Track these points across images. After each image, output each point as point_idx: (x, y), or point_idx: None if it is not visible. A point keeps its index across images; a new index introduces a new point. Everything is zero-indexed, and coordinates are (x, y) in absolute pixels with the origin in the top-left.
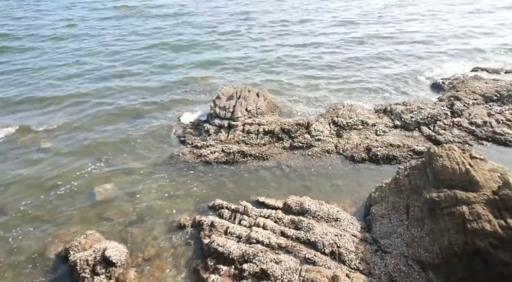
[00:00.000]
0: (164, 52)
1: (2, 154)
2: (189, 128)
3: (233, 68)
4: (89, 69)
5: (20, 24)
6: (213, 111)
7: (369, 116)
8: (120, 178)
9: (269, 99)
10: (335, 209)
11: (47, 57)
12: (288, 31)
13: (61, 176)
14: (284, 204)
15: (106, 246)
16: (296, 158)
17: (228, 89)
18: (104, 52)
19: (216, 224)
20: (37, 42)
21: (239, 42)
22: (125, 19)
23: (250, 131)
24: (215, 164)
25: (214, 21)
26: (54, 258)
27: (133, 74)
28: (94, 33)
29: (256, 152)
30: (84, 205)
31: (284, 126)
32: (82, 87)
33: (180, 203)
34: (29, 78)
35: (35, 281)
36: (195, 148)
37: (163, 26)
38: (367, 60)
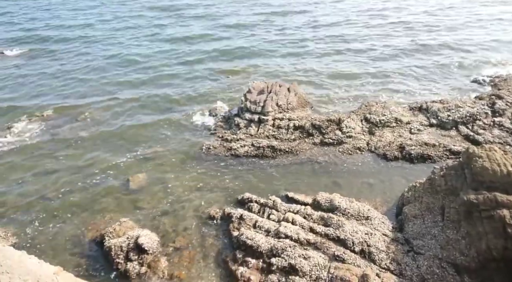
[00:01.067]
0: (195, 47)
1: (42, 143)
2: (219, 121)
3: (264, 63)
4: (122, 62)
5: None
6: (243, 105)
7: (403, 114)
8: (152, 168)
9: (300, 95)
10: (365, 207)
11: (80, 51)
12: (320, 27)
13: (97, 164)
14: (313, 200)
15: (139, 233)
16: (327, 154)
17: (259, 84)
18: (135, 46)
19: (245, 217)
20: (71, 37)
21: (268, 37)
22: (154, 16)
23: (280, 126)
24: (244, 158)
25: (244, 17)
26: (90, 243)
27: (166, 67)
28: (125, 28)
29: (286, 147)
30: (119, 193)
31: (315, 122)
32: (116, 79)
33: (210, 195)
34: (68, 71)
35: (73, 264)
36: (225, 141)
37: (192, 22)
38: (404, 57)
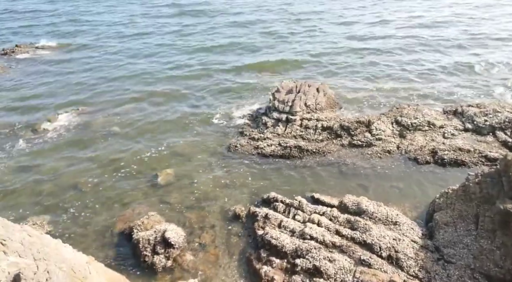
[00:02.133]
0: (224, 47)
1: (77, 135)
2: (247, 120)
3: (293, 62)
4: (152, 60)
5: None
6: (271, 105)
7: (436, 117)
8: (180, 164)
9: (329, 95)
10: (394, 212)
11: (114, 48)
12: (350, 26)
13: (127, 158)
14: (340, 203)
15: (166, 227)
16: (355, 156)
17: (288, 83)
18: (164, 45)
19: (270, 217)
20: (106, 33)
21: (299, 39)
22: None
23: (308, 126)
24: (271, 157)
25: (274, 18)
26: (119, 234)
27: (196, 65)
28: (155, 29)
29: (313, 148)
30: (147, 188)
31: (344, 123)
32: (147, 76)
33: (236, 193)
34: (101, 66)
35: (102, 254)
36: (252, 140)
37: (218, 22)
38: (439, 58)
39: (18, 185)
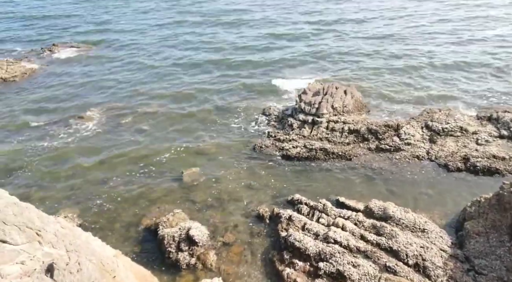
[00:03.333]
0: (253, 48)
1: (107, 132)
2: (273, 121)
3: (321, 65)
4: (179, 61)
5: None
6: (298, 106)
7: (469, 123)
8: (205, 163)
9: (357, 98)
10: (422, 219)
11: (143, 50)
12: (378, 29)
13: (155, 155)
14: (365, 207)
15: (190, 225)
16: (382, 160)
17: (315, 85)
18: (194, 48)
19: (294, 219)
20: (136, 35)
21: (325, 39)
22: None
23: (334, 129)
24: (296, 159)
25: (303, 19)
26: (145, 230)
27: (222, 66)
28: (183, 31)
29: (339, 151)
30: (173, 185)
31: (371, 127)
32: (175, 77)
33: (260, 194)
34: (130, 66)
35: (129, 248)
36: (277, 141)
37: (248, 27)
38: (473, 63)
39: (51, 179)
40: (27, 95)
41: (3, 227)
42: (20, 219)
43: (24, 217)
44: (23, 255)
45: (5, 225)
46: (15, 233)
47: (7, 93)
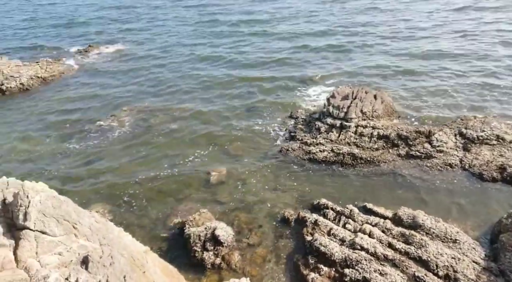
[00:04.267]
0: (284, 51)
1: (138, 132)
2: (300, 124)
3: (350, 69)
4: (212, 63)
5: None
6: (326, 110)
7: (506, 131)
8: (232, 164)
9: (387, 103)
10: (454, 229)
11: (172, 51)
12: (412, 36)
13: (183, 155)
14: (394, 215)
15: (216, 225)
16: (412, 167)
17: (344, 89)
18: (225, 51)
19: (319, 223)
20: (163, 38)
21: (356, 46)
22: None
23: (363, 133)
24: (323, 163)
25: (337, 25)
26: (171, 228)
27: (252, 68)
28: (217, 35)
29: (368, 156)
30: (200, 185)
31: (402, 133)
32: (204, 79)
33: (285, 196)
34: (164, 70)
35: (156, 244)
36: (304, 145)
37: (287, 27)
38: (508, 72)
39: (83, 175)
40: (63, 94)
41: (43, 219)
42: (58, 211)
43: (62, 210)
44: (61, 247)
45: (45, 216)
46: (53, 225)
47: (45, 92)
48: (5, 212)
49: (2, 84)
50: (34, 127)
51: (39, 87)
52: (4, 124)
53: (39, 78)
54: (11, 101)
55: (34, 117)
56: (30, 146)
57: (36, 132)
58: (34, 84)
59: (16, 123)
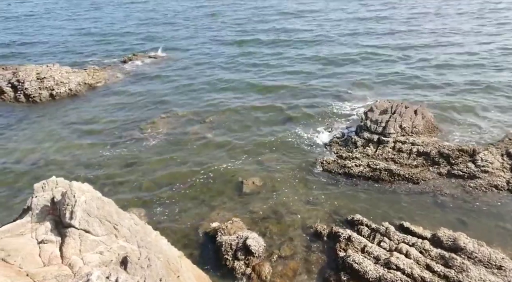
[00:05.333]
0: (323, 63)
1: (174, 139)
2: (336, 137)
3: (391, 83)
4: (248, 71)
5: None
6: (363, 124)
7: None
8: (265, 174)
9: (428, 119)
10: (499, 255)
11: (217, 64)
12: (459, 49)
13: (217, 162)
14: (433, 236)
15: (247, 235)
16: (454, 187)
17: (383, 103)
18: (263, 63)
19: (353, 239)
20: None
21: (398, 58)
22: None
23: (401, 149)
24: (358, 178)
25: (380, 37)
26: (204, 235)
27: (290, 79)
28: (259, 45)
29: (406, 173)
30: (233, 194)
31: (443, 150)
32: (241, 89)
33: (318, 210)
34: (203, 79)
35: (188, 250)
36: (339, 158)
37: (330, 37)
38: None
39: (122, 178)
40: (106, 100)
41: (87, 218)
42: (101, 212)
43: (105, 210)
44: (102, 246)
45: (89, 216)
46: (96, 224)
47: (91, 97)
48: (53, 210)
49: (53, 89)
50: (77, 131)
51: (86, 93)
52: (51, 127)
53: (86, 84)
54: (59, 105)
55: (79, 121)
56: (73, 149)
57: (78, 136)
58: (82, 90)
59: (61, 127)
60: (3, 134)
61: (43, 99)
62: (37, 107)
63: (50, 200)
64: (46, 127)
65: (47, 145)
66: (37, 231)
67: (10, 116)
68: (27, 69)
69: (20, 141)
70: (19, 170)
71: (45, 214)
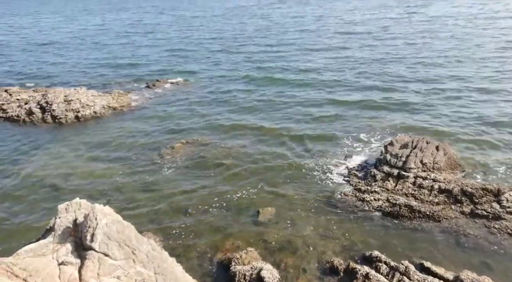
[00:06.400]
0: (342, 94)
1: (192, 164)
2: (354, 170)
3: (410, 119)
4: (273, 104)
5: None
6: (383, 157)
7: None
8: (281, 204)
9: (450, 155)
10: None
11: (235, 90)
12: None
13: (233, 190)
14: (455, 278)
15: (262, 266)
16: (477, 227)
17: (403, 137)
18: (282, 91)
19: (371, 277)
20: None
21: (419, 93)
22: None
23: (422, 185)
24: (377, 212)
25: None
26: (218, 263)
27: (314, 111)
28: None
29: (427, 210)
30: (248, 222)
31: (466, 188)
32: (257, 117)
33: (334, 243)
34: (222, 105)
35: (201, 278)
36: (358, 191)
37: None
38: None
39: (140, 202)
40: (128, 124)
41: (107, 242)
42: (121, 236)
43: (124, 234)
44: (120, 270)
45: (109, 240)
46: (115, 248)
47: (114, 120)
48: (75, 231)
49: (79, 111)
50: (99, 153)
51: (110, 116)
52: (74, 148)
53: (110, 107)
54: (83, 127)
55: (101, 144)
56: (93, 170)
57: (100, 158)
58: (106, 113)
59: (84, 149)
60: (28, 153)
61: (69, 120)
62: (63, 129)
63: (72, 222)
64: (70, 148)
65: (70, 165)
66: (58, 252)
67: (37, 136)
68: (56, 92)
69: (44, 160)
70: (41, 189)
71: (67, 235)
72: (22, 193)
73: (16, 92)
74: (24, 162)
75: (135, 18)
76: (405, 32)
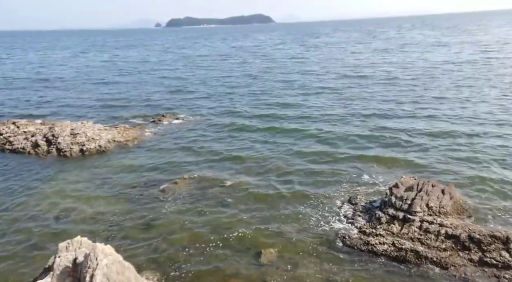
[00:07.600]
0: (344, 131)
1: (194, 201)
2: (359, 211)
3: (418, 160)
4: (279, 139)
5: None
6: (387, 199)
7: None
8: (284, 245)
9: (457, 199)
10: None
11: (239, 127)
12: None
13: (234, 229)
14: None
15: None
16: (487, 277)
17: (409, 180)
18: (291, 131)
19: None
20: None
21: (421, 134)
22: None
23: (428, 230)
24: (382, 257)
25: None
26: None
27: (313, 148)
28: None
29: (434, 256)
30: (249, 263)
31: (474, 235)
32: (266, 153)
33: None
34: (225, 141)
35: None
36: (362, 234)
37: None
38: None
39: (139, 238)
40: (132, 158)
41: None
42: (121, 277)
43: (124, 276)
44: None
45: (108, 281)
46: None
47: (118, 155)
48: (74, 272)
49: (84, 145)
50: (100, 187)
51: (114, 150)
52: (76, 182)
53: (115, 142)
54: (87, 161)
55: (103, 178)
56: (94, 205)
57: (101, 193)
58: (110, 147)
59: (86, 183)
60: (30, 186)
61: (74, 154)
62: (67, 162)
63: (72, 261)
64: (72, 182)
65: (71, 199)
66: None
67: (40, 169)
68: (62, 125)
69: (46, 193)
70: (41, 222)
71: (66, 276)
72: (19, 227)
73: (24, 125)
74: (24, 195)
75: (142, 55)
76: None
